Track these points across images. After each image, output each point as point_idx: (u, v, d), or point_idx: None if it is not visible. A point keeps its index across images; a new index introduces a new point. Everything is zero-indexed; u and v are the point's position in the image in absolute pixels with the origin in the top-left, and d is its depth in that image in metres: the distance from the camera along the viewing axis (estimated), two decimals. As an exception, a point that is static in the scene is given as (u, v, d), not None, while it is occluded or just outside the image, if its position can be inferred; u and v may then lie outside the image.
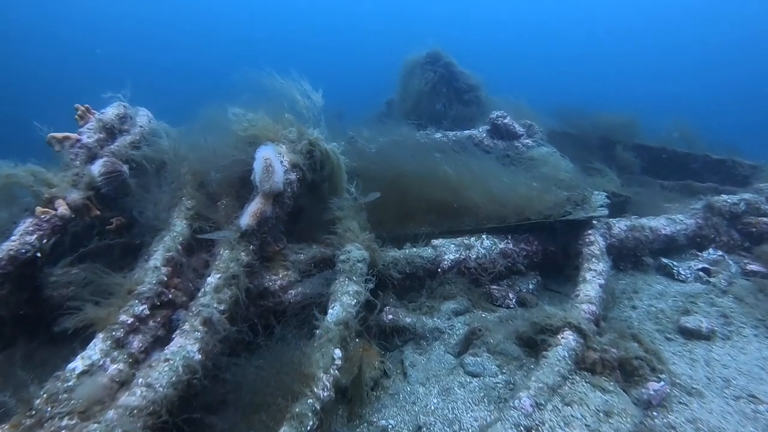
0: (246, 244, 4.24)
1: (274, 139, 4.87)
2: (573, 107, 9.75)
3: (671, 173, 8.78)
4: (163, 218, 4.45)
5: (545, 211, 5.18)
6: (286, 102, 5.15)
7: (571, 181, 5.51)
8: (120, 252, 4.91)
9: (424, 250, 5.10)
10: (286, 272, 4.61)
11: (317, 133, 5.00)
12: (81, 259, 4.76)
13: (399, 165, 5.74)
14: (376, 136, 7.82)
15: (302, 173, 4.82)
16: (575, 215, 5.11)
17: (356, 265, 4.26)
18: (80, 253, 4.76)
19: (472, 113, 9.98)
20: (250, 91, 5.35)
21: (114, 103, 5.23)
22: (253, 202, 4.33)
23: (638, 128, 9.17)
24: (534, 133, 7.99)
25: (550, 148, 6.52)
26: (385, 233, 5.51)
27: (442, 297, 4.97)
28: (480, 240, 5.23)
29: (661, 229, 5.80)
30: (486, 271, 5.09)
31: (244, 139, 4.88)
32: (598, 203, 5.21)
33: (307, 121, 5.22)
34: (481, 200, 5.25)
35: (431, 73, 10.18)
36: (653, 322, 4.67)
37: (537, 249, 5.32)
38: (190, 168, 4.93)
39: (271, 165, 4.24)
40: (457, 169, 5.42)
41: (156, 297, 3.75)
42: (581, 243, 5.00)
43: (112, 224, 4.80)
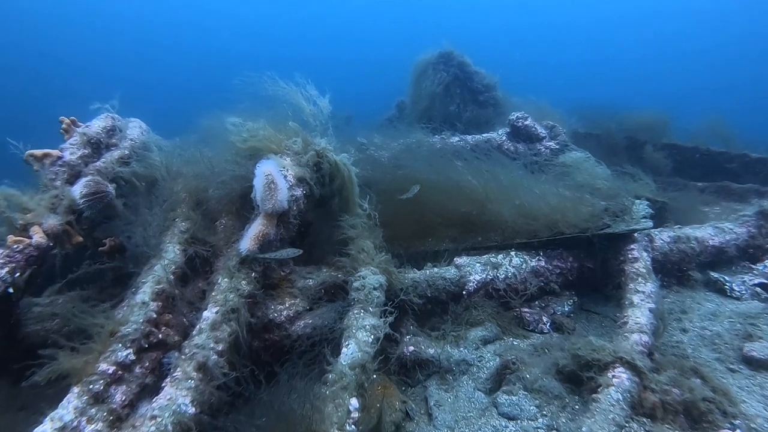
0: (247, 271, 3.76)
1: (277, 151, 4.38)
2: (596, 106, 9.15)
3: (705, 174, 8.19)
4: (153, 244, 3.96)
5: (581, 224, 4.63)
6: (289, 109, 4.66)
7: (609, 190, 4.94)
8: (113, 277, 4.44)
9: (447, 270, 4.57)
10: (293, 301, 4.11)
11: (325, 142, 4.50)
12: (70, 285, 4.31)
13: (416, 175, 5.22)
14: (389, 142, 7.31)
15: (309, 188, 4.33)
16: (615, 228, 4.56)
17: (372, 293, 3.76)
18: (69, 279, 4.30)
19: (488, 115, 9.44)
20: (250, 97, 4.87)
21: (101, 114, 4.77)
22: (255, 223, 3.84)
23: (668, 127, 8.57)
24: (557, 134, 7.44)
25: (583, 152, 5.96)
26: (402, 250, 5.02)
27: (469, 323, 4.45)
28: (508, 257, 4.69)
29: (709, 239, 5.22)
30: (516, 292, 4.55)
31: (244, 151, 4.40)
32: (640, 214, 4.66)
33: (313, 129, 4.73)
34: (509, 214, 4.72)
35: (444, 74, 9.65)
36: (710, 348, 4.11)
37: (572, 266, 4.78)
38: (184, 185, 4.46)
39: (273, 181, 3.75)
40: (483, 180, 4.89)
41: (143, 338, 3.26)
42: (623, 259, 4.45)
43: (105, 246, 4.32)
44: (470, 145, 7.30)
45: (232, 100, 4.93)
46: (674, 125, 8.71)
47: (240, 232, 3.97)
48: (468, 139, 7.39)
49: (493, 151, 5.54)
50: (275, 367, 3.66)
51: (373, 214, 4.58)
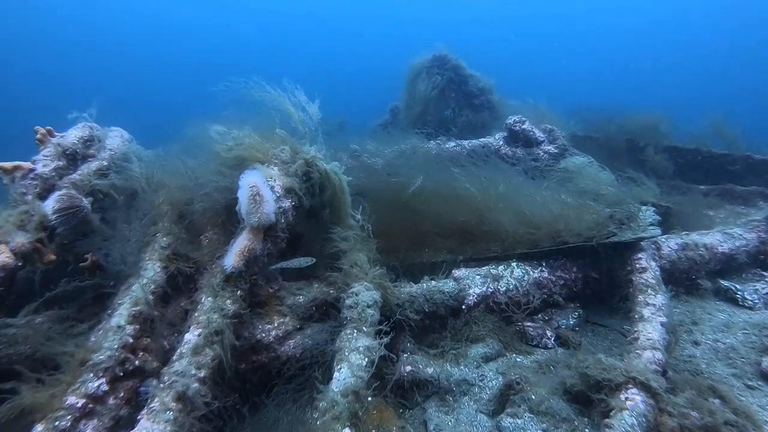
0: (233, 289, 3.52)
1: (264, 160, 4.15)
2: (595, 108, 8.94)
3: (707, 176, 7.98)
4: (131, 261, 3.71)
5: (585, 233, 4.40)
6: (277, 116, 4.42)
7: (613, 196, 4.72)
8: (94, 295, 4.18)
9: (445, 283, 4.33)
10: (283, 319, 3.86)
11: (314, 150, 4.27)
12: (48, 304, 4.05)
13: (411, 183, 4.99)
14: (382, 148, 7.07)
15: (298, 199, 4.09)
16: (621, 236, 4.33)
17: (366, 311, 3.52)
18: (46, 297, 4.05)
19: (484, 119, 9.25)
20: (236, 104, 4.63)
21: (78, 124, 4.53)
22: (240, 238, 3.60)
23: (669, 129, 8.36)
24: (556, 138, 7.22)
25: (585, 157, 5.74)
26: (397, 262, 4.79)
27: (469, 339, 4.20)
28: (509, 269, 4.45)
29: (718, 246, 5.00)
30: (519, 306, 4.32)
31: (229, 161, 4.16)
32: (647, 221, 4.43)
33: (302, 137, 4.50)
34: (509, 223, 4.48)
35: (438, 77, 9.44)
36: (725, 363, 3.88)
37: (576, 277, 4.54)
38: (167, 198, 4.21)
39: (258, 193, 3.51)
40: (481, 187, 4.65)
41: (118, 366, 3.00)
42: (630, 269, 4.22)
43: (87, 261, 4.07)
44: (467, 151, 7.08)
45: (217, 107, 4.69)
46: (675, 127, 8.52)
47: (225, 247, 3.73)
48: (464, 144, 7.16)
49: (491, 156, 5.31)
50: (263, 396, 3.41)
51: (366, 226, 4.35)
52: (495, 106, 9.25)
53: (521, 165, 5.48)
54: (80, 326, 3.76)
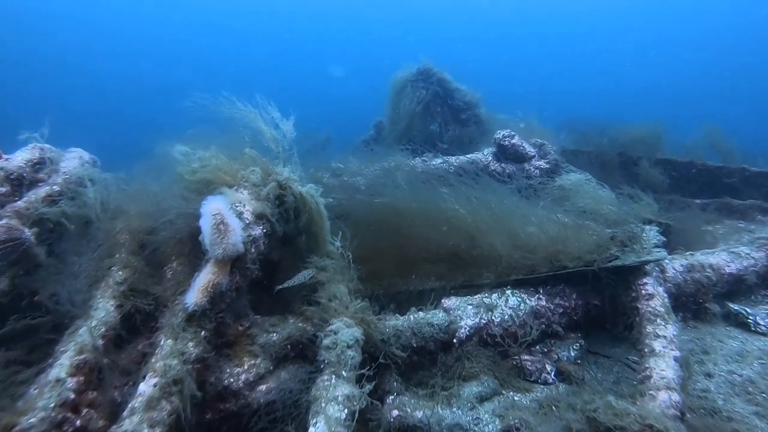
0: (196, 329, 3.11)
1: (232, 183, 3.76)
2: (586, 120, 8.64)
3: (703, 189, 7.72)
4: (80, 301, 3.29)
5: (585, 256, 4.05)
6: (247, 134, 4.04)
7: (614, 216, 4.37)
8: (48, 333, 3.74)
9: (435, 314, 3.94)
10: (254, 360, 3.45)
11: (288, 171, 3.89)
12: (-6, 344, 3.62)
13: (396, 204, 4.62)
14: (366, 166, 6.73)
15: (270, 226, 3.70)
16: (624, 260, 3.98)
17: (345, 353, 3.13)
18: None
19: (471, 133, 8.92)
20: (204, 121, 4.26)
21: (28, 145, 4.11)
22: (203, 271, 3.20)
23: (662, 141, 8.09)
24: (547, 153, 6.92)
25: (582, 174, 5.40)
26: (381, 290, 4.41)
27: (461, 377, 3.80)
28: (504, 297, 4.08)
29: (725, 266, 4.66)
30: (515, 338, 3.94)
31: (194, 184, 3.78)
32: (651, 242, 4.10)
33: (275, 156, 4.12)
34: (503, 247, 4.12)
35: (423, 91, 9.12)
36: (744, 399, 3.53)
37: (576, 304, 4.18)
38: (125, 226, 3.80)
39: (223, 222, 3.12)
40: (472, 209, 4.29)
41: (54, 430, 2.57)
42: (635, 296, 3.87)
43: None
44: (454, 168, 6.74)
45: (184, 125, 4.32)
46: (668, 139, 8.24)
47: (190, 280, 3.32)
48: (452, 161, 6.83)
49: (482, 175, 4.96)
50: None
51: (346, 254, 3.96)
52: (483, 120, 8.94)
53: (514, 183, 5.13)
54: (27, 371, 3.32)
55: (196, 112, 4.23)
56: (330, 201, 3.98)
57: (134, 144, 4.53)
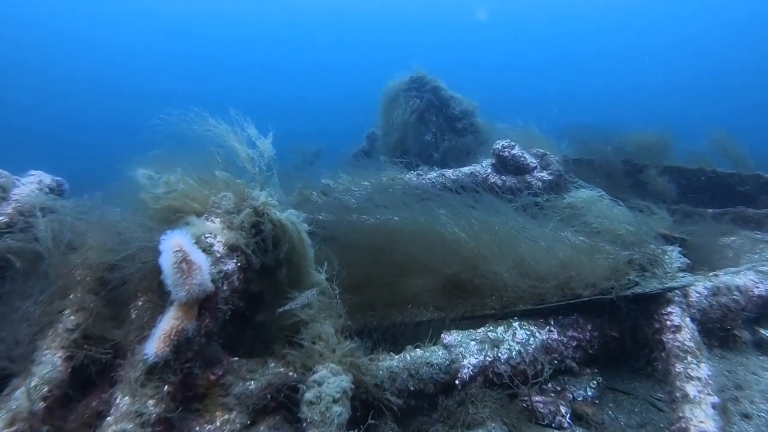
0: (157, 384, 2.67)
1: (201, 211, 3.32)
2: (588, 127, 8.23)
3: (714, 198, 7.31)
4: (19, 354, 2.84)
5: (601, 283, 3.61)
6: (219, 154, 3.61)
7: (631, 236, 3.94)
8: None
9: (434, 353, 3.50)
10: (228, 415, 3.00)
11: (266, 195, 3.45)
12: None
13: (389, 227, 4.19)
14: (357, 182, 6.30)
15: (246, 258, 3.26)
16: (645, 286, 3.54)
17: (331, 409, 2.69)
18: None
19: (468, 143, 8.53)
20: (175, 140, 3.83)
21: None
22: (166, 316, 2.76)
23: (670, 147, 7.68)
24: (549, 163, 6.51)
25: (594, 190, 4.97)
26: (374, 321, 3.98)
27: (465, 424, 3.35)
28: (511, 331, 3.64)
29: (753, 287, 4.22)
30: (525, 377, 3.49)
31: (159, 213, 3.34)
32: (674, 265, 3.66)
33: (252, 178, 3.68)
34: (509, 274, 3.68)
35: (417, 100, 8.73)
36: (790, 446, 3.09)
37: (592, 336, 3.74)
38: (83, 260, 3.36)
39: (185, 259, 2.68)
40: (473, 232, 3.85)
41: None
42: (659, 327, 3.44)
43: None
44: (451, 181, 6.32)
45: (151, 144, 3.89)
46: (674, 145, 7.83)
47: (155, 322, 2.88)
48: (448, 175, 6.41)
49: (482, 192, 4.52)
50: None
51: (333, 287, 3.52)
52: (480, 130, 8.54)
53: (518, 200, 4.69)
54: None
55: (167, 129, 3.81)
56: (321, 218, 3.54)
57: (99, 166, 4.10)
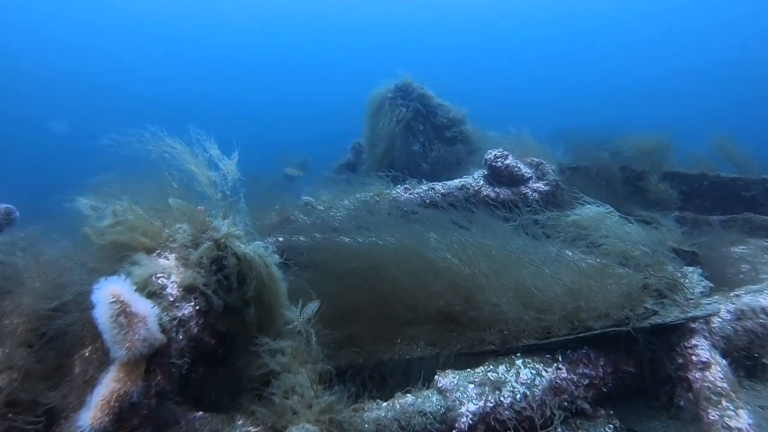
0: (97, 463, 2.19)
1: (153, 247, 2.87)
2: (583, 132, 7.82)
3: (717, 205, 6.94)
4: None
5: (614, 313, 3.17)
6: (176, 178, 3.16)
7: (646, 258, 3.51)
8: None
9: (427, 399, 3.05)
10: (186, 489, 2.53)
11: (228, 226, 3.00)
12: None
13: (374, 253, 3.75)
14: (340, 199, 5.88)
15: (205, 300, 2.80)
16: (666, 316, 3.11)
17: (305, 486, 2.23)
18: None
19: (458, 152, 8.12)
20: (127, 162, 3.37)
21: None
22: (105, 378, 2.30)
23: (670, 151, 7.30)
24: (545, 173, 6.12)
25: (602, 206, 4.53)
26: (360, 358, 3.55)
27: (466, 483, 2.91)
28: (513, 370, 3.19)
29: (779, 308, 3.81)
30: (531, 424, 3.04)
31: (105, 249, 2.88)
32: (696, 289, 3.24)
33: (214, 205, 3.22)
34: (509, 305, 3.24)
35: (403, 109, 8.31)
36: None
37: (605, 372, 3.30)
38: (15, 307, 2.89)
39: (125, 311, 2.22)
40: (468, 258, 3.40)
41: None
42: (683, 363, 3.01)
43: None
44: (441, 196, 5.90)
45: (102, 166, 3.43)
46: (674, 149, 7.45)
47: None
48: (438, 189, 5.98)
49: (476, 211, 4.09)
50: None
51: (310, 329, 3.06)
52: (470, 138, 8.13)
53: (516, 218, 4.25)
54: None
55: (119, 151, 3.35)
56: (286, 258, 3.09)
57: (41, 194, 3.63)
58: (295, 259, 4.33)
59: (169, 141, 3.31)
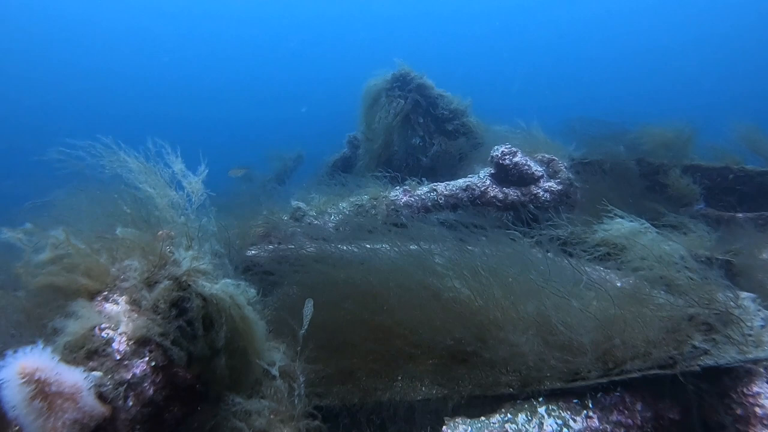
0: None
1: (97, 289, 2.35)
2: (597, 123, 7.24)
3: (743, 201, 6.42)
4: None
5: (656, 352, 2.66)
6: (128, 200, 2.63)
7: (692, 286, 2.98)
8: None
9: (435, 459, 2.56)
10: None
11: (191, 260, 2.47)
12: None
13: (371, 279, 3.23)
14: (333, 202, 5.36)
15: (163, 353, 2.29)
16: (720, 357, 2.61)
17: None
18: None
19: (461, 146, 7.56)
20: (76, 181, 2.85)
21: None
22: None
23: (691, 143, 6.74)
24: (557, 170, 5.59)
25: (635, 221, 3.94)
26: (355, 398, 3.06)
27: None
28: (536, 419, 2.68)
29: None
30: (560, 488, 2.55)
31: (38, 294, 2.37)
32: (754, 321, 2.73)
33: (177, 231, 2.69)
34: (530, 346, 2.72)
35: (401, 101, 7.73)
36: None
37: (643, 419, 2.79)
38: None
39: (45, 391, 1.72)
40: (480, 286, 2.88)
41: None
42: (743, 414, 2.51)
43: None
44: (444, 198, 5.38)
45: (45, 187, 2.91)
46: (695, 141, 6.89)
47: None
48: (440, 190, 5.45)
49: (488, 227, 3.52)
50: None
51: (294, 378, 2.56)
52: (473, 131, 7.57)
53: (534, 233, 3.69)
54: None
55: (67, 168, 2.83)
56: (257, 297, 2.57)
57: None
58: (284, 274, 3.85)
59: (124, 155, 2.78)
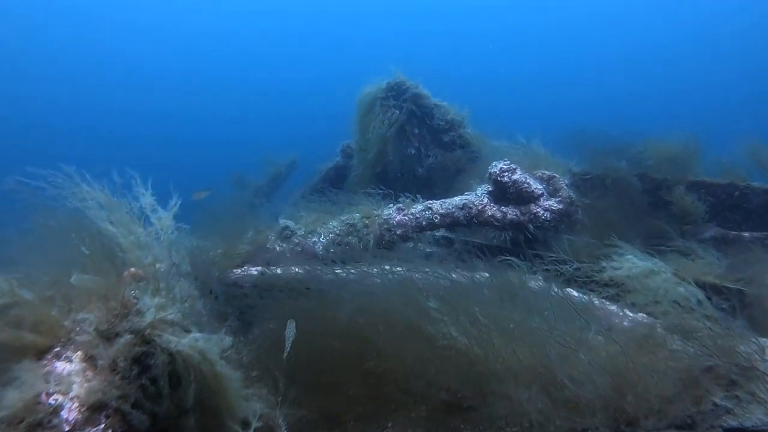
0: None
1: (47, 345, 2.09)
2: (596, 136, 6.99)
3: (748, 218, 6.20)
4: None
5: (672, 410, 2.42)
6: (86, 242, 2.36)
7: (709, 335, 2.72)
8: None
9: None
10: None
11: (158, 308, 2.21)
12: None
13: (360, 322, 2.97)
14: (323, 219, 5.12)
15: (122, 418, 2.03)
16: (745, 418, 2.36)
17: None
18: None
19: (457, 158, 7.34)
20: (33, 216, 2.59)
21: None
22: None
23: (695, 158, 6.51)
24: (558, 188, 5.35)
25: (647, 260, 3.66)
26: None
27: None
28: (540, 481, 2.44)
29: None
30: None
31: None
32: (776, 375, 2.49)
33: (144, 273, 2.43)
34: (530, 399, 2.47)
35: (395, 111, 7.49)
36: None
37: (658, 480, 2.56)
38: None
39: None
40: (477, 334, 2.62)
41: None
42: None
43: None
44: (439, 217, 5.14)
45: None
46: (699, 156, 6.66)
47: None
48: (436, 208, 5.20)
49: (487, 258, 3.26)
50: None
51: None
52: (470, 143, 7.34)
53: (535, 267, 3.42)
54: None
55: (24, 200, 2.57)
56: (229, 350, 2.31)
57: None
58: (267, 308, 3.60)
59: (86, 188, 2.52)
